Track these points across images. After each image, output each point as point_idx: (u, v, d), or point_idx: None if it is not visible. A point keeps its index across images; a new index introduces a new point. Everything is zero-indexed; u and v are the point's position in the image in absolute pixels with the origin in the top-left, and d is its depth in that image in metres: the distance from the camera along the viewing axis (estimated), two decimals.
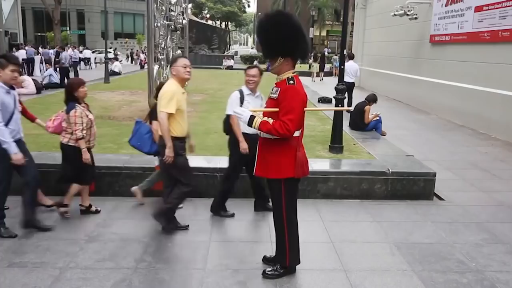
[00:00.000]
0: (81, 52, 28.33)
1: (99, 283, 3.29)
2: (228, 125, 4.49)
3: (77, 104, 4.37)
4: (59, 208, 4.56)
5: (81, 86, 4.44)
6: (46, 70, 16.52)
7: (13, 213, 4.36)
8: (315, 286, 3.37)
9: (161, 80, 4.97)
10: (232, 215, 4.70)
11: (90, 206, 4.69)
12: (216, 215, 4.70)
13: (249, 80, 4.43)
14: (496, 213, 5.02)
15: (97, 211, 4.69)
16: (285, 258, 3.42)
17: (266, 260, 3.65)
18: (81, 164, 4.36)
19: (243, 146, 4.35)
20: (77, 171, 4.44)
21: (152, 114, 4.58)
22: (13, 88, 4.03)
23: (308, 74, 24.19)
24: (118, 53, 37.16)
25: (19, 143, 4.04)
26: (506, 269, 3.71)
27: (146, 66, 28.10)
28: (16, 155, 3.87)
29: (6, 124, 3.89)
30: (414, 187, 5.41)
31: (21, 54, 22.00)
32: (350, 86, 11.22)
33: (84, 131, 4.33)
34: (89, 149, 4.48)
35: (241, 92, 4.46)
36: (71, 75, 18.44)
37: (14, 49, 26.14)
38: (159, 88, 4.63)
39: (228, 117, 4.49)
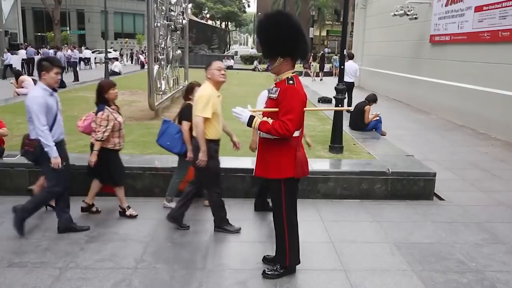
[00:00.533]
0: (80, 52, 28.36)
1: (99, 283, 3.29)
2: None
3: (106, 107, 4.37)
4: (126, 212, 4.61)
5: (111, 88, 4.42)
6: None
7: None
8: (315, 286, 3.37)
9: (190, 81, 4.96)
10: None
11: (93, 205, 4.69)
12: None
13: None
14: (496, 213, 5.02)
15: (97, 211, 4.69)
16: (285, 258, 3.42)
17: (266, 260, 3.65)
18: (109, 164, 4.39)
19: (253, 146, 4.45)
20: (111, 172, 4.49)
21: (182, 114, 4.59)
22: (55, 91, 4.08)
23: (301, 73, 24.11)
24: (118, 53, 37.19)
25: (61, 144, 4.11)
26: (506, 269, 3.72)
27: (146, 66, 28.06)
28: (56, 159, 3.91)
29: (51, 126, 3.94)
30: (414, 187, 5.41)
31: (21, 54, 22.06)
32: (349, 86, 11.22)
33: (106, 134, 4.32)
34: (118, 151, 4.52)
35: (270, 91, 4.47)
36: (70, 75, 18.42)
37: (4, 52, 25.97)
38: (188, 89, 4.68)
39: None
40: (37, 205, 4.16)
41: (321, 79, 23.69)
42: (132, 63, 35.60)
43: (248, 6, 71.29)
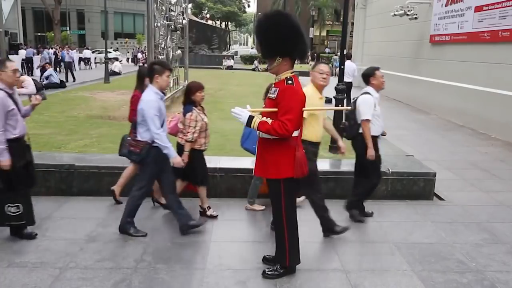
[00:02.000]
0: (80, 52, 28.39)
1: (99, 283, 3.29)
2: (356, 129, 4.48)
3: (193, 107, 4.39)
4: (206, 214, 4.65)
5: (199, 90, 4.43)
6: (46, 70, 16.51)
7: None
8: (315, 286, 3.37)
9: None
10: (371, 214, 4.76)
11: (208, 208, 4.69)
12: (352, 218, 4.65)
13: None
14: (496, 213, 5.02)
15: (213, 216, 4.67)
16: (285, 258, 3.42)
17: (266, 260, 3.65)
18: (195, 164, 4.41)
19: (371, 153, 4.38)
20: (196, 171, 4.51)
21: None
22: (164, 94, 4.11)
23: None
24: (119, 53, 37.15)
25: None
26: (506, 269, 3.72)
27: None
28: (176, 159, 3.97)
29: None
30: (414, 187, 5.41)
31: (21, 54, 22.06)
32: (348, 86, 11.22)
33: (196, 134, 4.34)
34: (203, 151, 4.55)
35: (373, 96, 4.48)
36: (62, 76, 18.33)
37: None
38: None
39: (352, 121, 4.52)
40: (134, 207, 4.16)
41: None
42: (134, 63, 35.44)
43: (248, 6, 71.38)
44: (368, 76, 4.58)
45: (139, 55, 29.91)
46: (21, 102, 3.97)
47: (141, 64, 28.87)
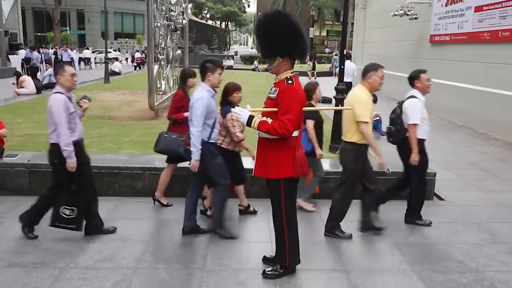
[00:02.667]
0: (81, 52, 28.38)
1: (99, 283, 3.29)
2: (403, 134, 4.42)
3: (232, 108, 4.42)
4: (248, 210, 4.77)
5: (236, 91, 4.43)
6: (46, 70, 16.54)
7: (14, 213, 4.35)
8: (315, 286, 3.38)
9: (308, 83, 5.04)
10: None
11: (249, 206, 4.78)
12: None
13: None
14: (496, 213, 5.02)
15: (254, 212, 4.78)
16: (285, 258, 3.42)
17: (266, 260, 3.65)
18: (233, 164, 4.41)
19: (415, 158, 4.33)
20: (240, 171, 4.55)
21: (305, 113, 4.68)
22: (215, 92, 4.13)
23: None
24: (119, 53, 37.13)
25: (216, 145, 4.16)
26: (506, 269, 3.71)
27: (142, 66, 27.88)
28: (196, 163, 3.95)
29: (212, 128, 4.00)
30: None
31: (21, 54, 22.09)
32: (348, 86, 11.22)
33: (243, 133, 4.36)
34: (239, 152, 4.56)
35: (420, 99, 4.44)
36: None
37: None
38: (307, 90, 4.66)
39: (398, 125, 4.47)
40: (222, 206, 4.20)
41: (315, 78, 24.06)
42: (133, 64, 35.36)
43: (248, 6, 71.40)
44: (413, 78, 4.50)
45: (137, 55, 29.74)
46: (76, 105, 4.03)
47: (135, 64, 28.74)
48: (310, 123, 4.69)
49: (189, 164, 3.97)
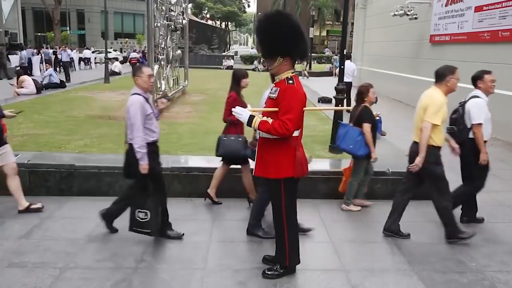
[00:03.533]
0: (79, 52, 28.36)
1: (99, 283, 3.29)
2: (466, 134, 4.39)
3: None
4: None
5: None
6: (46, 70, 16.53)
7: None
8: (315, 286, 3.37)
9: (362, 84, 5.04)
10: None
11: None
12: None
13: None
14: (496, 213, 5.02)
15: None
16: (285, 258, 3.42)
17: (266, 260, 3.65)
18: None
19: (484, 157, 4.26)
20: None
21: (361, 117, 4.78)
22: None
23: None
24: (119, 53, 37.11)
25: None
26: (506, 269, 3.71)
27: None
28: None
29: None
30: None
31: (24, 55, 22.07)
32: (348, 86, 11.23)
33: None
34: None
35: (484, 99, 4.38)
36: (62, 76, 18.28)
37: None
38: (359, 93, 4.84)
39: (461, 126, 4.45)
40: (262, 208, 4.21)
41: (307, 77, 24.25)
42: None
43: (248, 6, 71.41)
44: (476, 79, 4.45)
45: (132, 55, 29.59)
46: (154, 106, 4.01)
47: (128, 64, 28.64)
48: (367, 127, 4.73)
49: None
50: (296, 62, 3.43)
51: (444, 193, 4.15)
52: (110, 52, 25.15)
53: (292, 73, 3.22)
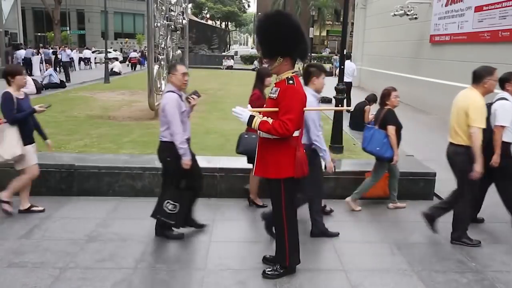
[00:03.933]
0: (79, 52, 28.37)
1: (99, 283, 3.29)
2: (488, 136, 4.27)
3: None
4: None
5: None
6: (46, 70, 16.54)
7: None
8: (315, 286, 3.37)
9: (385, 88, 5.03)
10: None
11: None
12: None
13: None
14: (496, 213, 5.02)
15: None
16: (285, 258, 3.41)
17: (266, 260, 3.65)
18: None
19: (496, 159, 4.20)
20: None
21: (386, 120, 4.84)
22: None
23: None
24: (118, 53, 37.10)
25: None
26: (506, 269, 3.72)
27: (138, 67, 27.74)
28: (330, 163, 4.05)
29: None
30: (414, 187, 5.41)
31: (21, 54, 22.08)
32: (348, 86, 11.24)
33: None
34: None
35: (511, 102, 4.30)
36: (62, 76, 18.28)
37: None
38: (382, 96, 4.93)
39: (488, 127, 4.28)
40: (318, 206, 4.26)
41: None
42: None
43: (248, 6, 71.42)
44: (504, 81, 4.39)
45: (132, 54, 29.57)
46: (185, 102, 4.04)
47: (127, 64, 28.64)
48: (391, 129, 4.77)
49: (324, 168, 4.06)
50: (296, 62, 3.43)
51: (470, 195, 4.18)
52: (110, 52, 25.15)
53: (292, 73, 3.22)
